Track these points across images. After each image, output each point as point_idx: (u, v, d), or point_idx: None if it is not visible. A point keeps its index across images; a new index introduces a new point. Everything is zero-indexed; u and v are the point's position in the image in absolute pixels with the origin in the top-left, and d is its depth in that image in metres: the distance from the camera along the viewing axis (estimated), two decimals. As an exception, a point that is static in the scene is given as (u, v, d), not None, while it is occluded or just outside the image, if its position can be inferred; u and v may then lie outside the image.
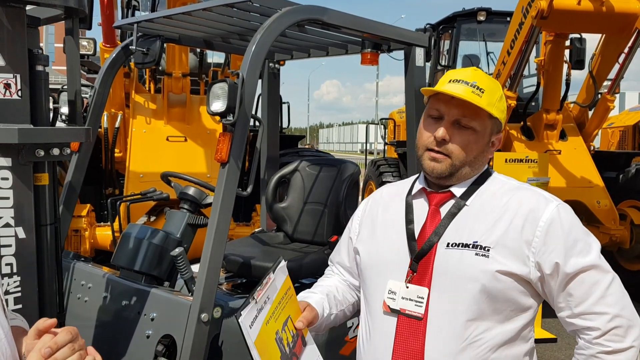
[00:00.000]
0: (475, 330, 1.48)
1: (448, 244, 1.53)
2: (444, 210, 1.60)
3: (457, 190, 1.61)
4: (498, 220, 1.52)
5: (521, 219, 1.50)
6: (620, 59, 6.63)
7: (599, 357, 1.44)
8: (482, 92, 1.54)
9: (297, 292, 2.99)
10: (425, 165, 1.60)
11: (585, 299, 1.46)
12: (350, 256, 1.84)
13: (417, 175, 1.76)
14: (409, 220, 1.63)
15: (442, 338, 1.49)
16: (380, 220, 1.73)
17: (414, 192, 1.69)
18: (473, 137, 1.57)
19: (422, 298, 1.52)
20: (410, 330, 1.53)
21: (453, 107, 1.55)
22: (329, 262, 2.01)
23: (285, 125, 8.56)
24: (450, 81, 1.58)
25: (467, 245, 1.51)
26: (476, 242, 1.50)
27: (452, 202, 1.61)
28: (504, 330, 1.49)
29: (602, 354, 1.44)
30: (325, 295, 1.80)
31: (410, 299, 1.54)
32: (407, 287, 1.55)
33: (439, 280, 1.52)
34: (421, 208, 1.65)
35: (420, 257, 1.55)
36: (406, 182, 1.78)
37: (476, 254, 1.49)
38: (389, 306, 1.57)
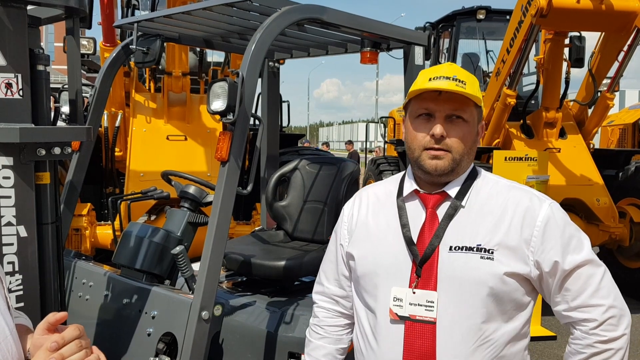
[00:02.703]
0: (485, 332, 1.49)
1: (451, 247, 1.53)
2: (441, 212, 1.60)
3: (451, 190, 1.60)
4: (498, 222, 1.53)
5: (519, 219, 1.52)
6: (620, 57, 6.65)
7: (595, 347, 1.49)
8: (465, 84, 1.55)
9: (296, 291, 3.01)
10: (426, 164, 1.57)
11: (581, 292, 1.51)
12: (340, 265, 1.78)
13: (402, 173, 1.74)
14: (404, 225, 1.61)
15: (453, 341, 1.49)
16: (372, 224, 1.69)
17: (405, 194, 1.66)
18: (467, 127, 1.58)
19: (433, 302, 1.51)
20: (421, 335, 1.52)
21: (442, 102, 1.55)
22: (316, 297, 1.88)
23: (285, 124, 8.57)
24: (430, 79, 1.57)
25: (471, 249, 1.51)
26: (480, 245, 1.51)
27: (447, 203, 1.60)
28: (509, 329, 1.52)
29: (598, 343, 1.49)
30: None
31: (420, 304, 1.52)
32: (414, 293, 1.54)
33: (445, 284, 1.52)
34: (416, 211, 1.63)
35: (424, 262, 1.54)
36: (392, 182, 1.74)
37: (481, 257, 1.49)
38: (396, 313, 1.55)
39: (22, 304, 1.89)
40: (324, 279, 1.86)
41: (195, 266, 2.42)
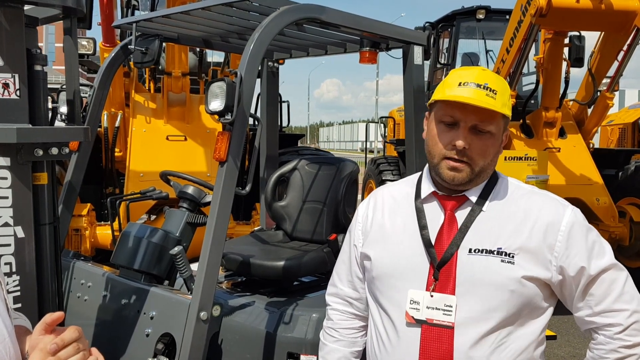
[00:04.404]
0: (500, 335, 1.48)
1: (470, 249, 1.51)
2: (460, 215, 1.57)
3: (472, 195, 1.58)
4: (519, 226, 1.51)
5: (542, 224, 1.51)
6: (619, 57, 6.65)
7: (619, 352, 1.48)
8: (496, 94, 1.49)
9: (296, 291, 3.01)
10: (444, 174, 1.54)
11: (605, 297, 1.50)
12: (354, 266, 1.76)
13: (418, 175, 1.71)
14: (423, 226, 1.58)
15: (471, 344, 1.48)
16: (388, 225, 1.66)
17: (423, 195, 1.63)
18: (491, 141, 1.54)
19: (451, 306, 1.49)
20: (438, 339, 1.50)
21: (469, 112, 1.50)
22: (329, 299, 1.86)
23: (285, 124, 8.55)
24: (460, 84, 1.51)
25: (491, 252, 1.49)
26: (500, 248, 1.49)
27: (467, 206, 1.58)
28: (525, 333, 1.51)
29: (623, 348, 1.48)
30: None
31: (437, 308, 1.50)
32: (432, 296, 1.51)
33: (463, 287, 1.50)
34: (434, 213, 1.60)
35: (443, 265, 1.52)
36: (409, 184, 1.71)
37: (502, 261, 1.48)
38: (412, 317, 1.53)
39: (19, 305, 1.89)
40: (337, 280, 1.83)
41: (194, 266, 2.42)
